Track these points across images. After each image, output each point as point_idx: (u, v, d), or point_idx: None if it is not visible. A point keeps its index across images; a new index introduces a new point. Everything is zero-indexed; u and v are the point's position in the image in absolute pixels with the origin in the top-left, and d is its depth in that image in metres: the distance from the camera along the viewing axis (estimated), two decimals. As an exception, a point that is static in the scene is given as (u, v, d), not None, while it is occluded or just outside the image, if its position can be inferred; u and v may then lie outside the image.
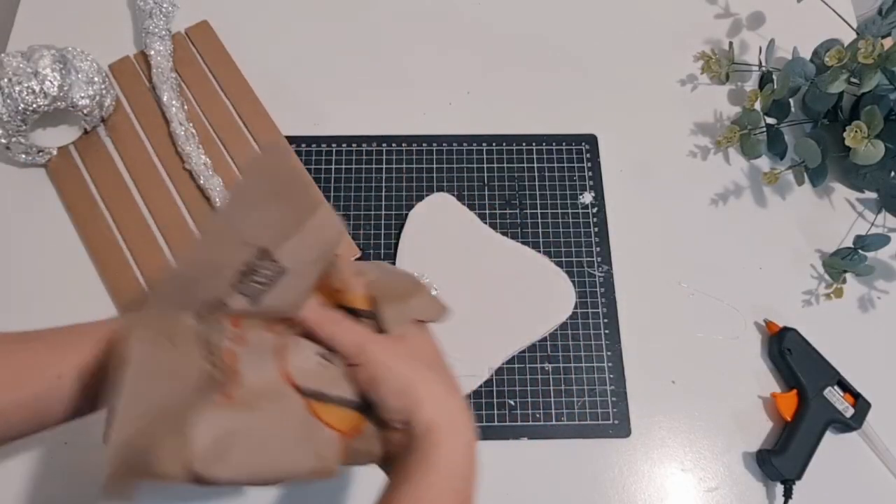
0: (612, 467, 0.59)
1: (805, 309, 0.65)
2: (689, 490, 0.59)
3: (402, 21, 0.77)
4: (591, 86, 0.74)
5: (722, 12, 0.79)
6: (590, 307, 0.64)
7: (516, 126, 0.72)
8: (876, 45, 0.58)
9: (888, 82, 0.60)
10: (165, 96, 0.68)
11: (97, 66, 0.66)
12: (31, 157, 0.66)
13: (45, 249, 0.65)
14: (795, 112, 0.72)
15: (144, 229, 0.65)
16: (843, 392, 0.60)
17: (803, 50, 0.71)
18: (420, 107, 0.73)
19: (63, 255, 0.64)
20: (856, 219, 0.69)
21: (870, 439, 0.60)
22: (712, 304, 0.65)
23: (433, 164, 0.69)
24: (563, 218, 0.67)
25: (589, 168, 0.70)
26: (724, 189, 0.70)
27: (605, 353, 0.62)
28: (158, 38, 0.70)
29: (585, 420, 0.60)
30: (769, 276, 0.66)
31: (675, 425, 0.61)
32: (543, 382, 0.61)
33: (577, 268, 0.65)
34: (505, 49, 0.76)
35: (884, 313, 0.65)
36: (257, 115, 0.70)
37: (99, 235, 0.64)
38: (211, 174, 0.65)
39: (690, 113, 0.73)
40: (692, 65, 0.76)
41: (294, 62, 0.74)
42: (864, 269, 0.64)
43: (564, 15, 0.78)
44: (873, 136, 0.59)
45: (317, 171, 0.68)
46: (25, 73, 0.61)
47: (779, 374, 0.62)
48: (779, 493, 0.58)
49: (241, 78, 0.72)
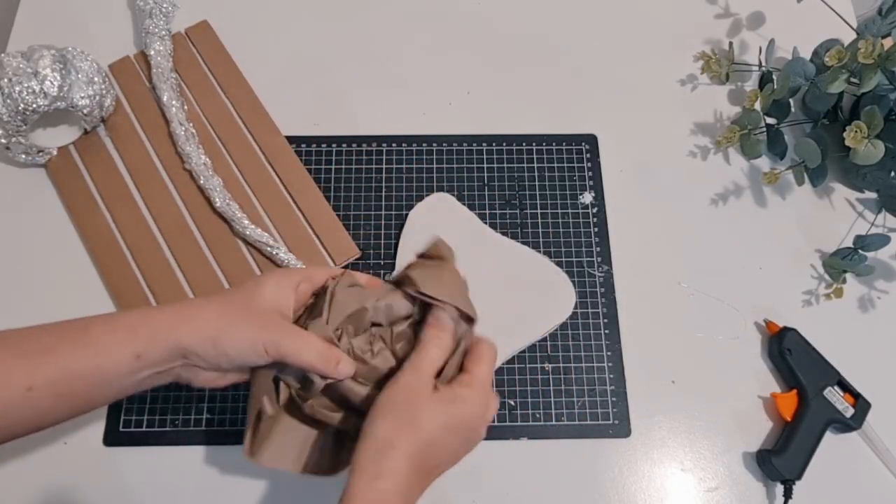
0: (612, 467, 0.59)
1: (805, 309, 0.65)
2: (689, 490, 0.59)
3: (402, 21, 0.77)
4: (591, 86, 0.75)
5: (722, 12, 0.79)
6: (590, 307, 0.64)
7: (516, 126, 0.72)
8: (876, 45, 0.58)
9: (888, 82, 0.60)
10: (165, 96, 0.68)
11: (97, 66, 0.66)
12: (31, 157, 0.66)
13: (46, 249, 0.65)
14: (795, 112, 0.72)
15: (144, 229, 0.65)
16: (843, 392, 0.60)
17: (803, 50, 0.71)
18: (420, 107, 0.73)
19: (63, 255, 0.64)
20: (856, 219, 0.69)
21: (870, 439, 0.60)
22: (712, 304, 0.65)
23: (433, 164, 0.69)
24: (563, 218, 0.67)
25: (589, 168, 0.70)
26: (724, 189, 0.70)
27: (605, 353, 0.62)
28: (158, 38, 0.70)
29: (585, 420, 0.60)
30: (769, 276, 0.66)
31: (675, 425, 0.61)
32: (543, 382, 0.61)
33: (577, 268, 0.65)
34: (505, 49, 0.76)
35: (884, 313, 0.65)
36: (257, 115, 0.70)
37: (99, 235, 0.64)
38: (211, 174, 0.65)
39: (690, 113, 0.73)
40: (692, 65, 0.76)
41: (294, 62, 0.74)
42: (864, 269, 0.64)
43: (564, 15, 0.78)
44: (873, 136, 0.59)
45: (317, 171, 0.68)
46: (25, 73, 0.61)
47: (779, 374, 0.62)
48: (779, 493, 0.58)
49: (241, 78, 0.72)
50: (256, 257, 0.63)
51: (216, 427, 0.59)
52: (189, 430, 0.59)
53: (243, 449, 0.47)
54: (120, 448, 0.58)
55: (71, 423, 0.59)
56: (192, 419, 0.59)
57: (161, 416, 0.59)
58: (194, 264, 0.63)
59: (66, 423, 0.58)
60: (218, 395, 0.60)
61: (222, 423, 0.59)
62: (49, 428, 0.44)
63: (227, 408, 0.60)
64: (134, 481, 0.57)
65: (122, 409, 0.59)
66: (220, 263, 0.63)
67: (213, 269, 0.63)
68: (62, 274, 0.64)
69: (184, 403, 0.59)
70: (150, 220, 0.65)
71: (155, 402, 0.59)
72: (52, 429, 0.58)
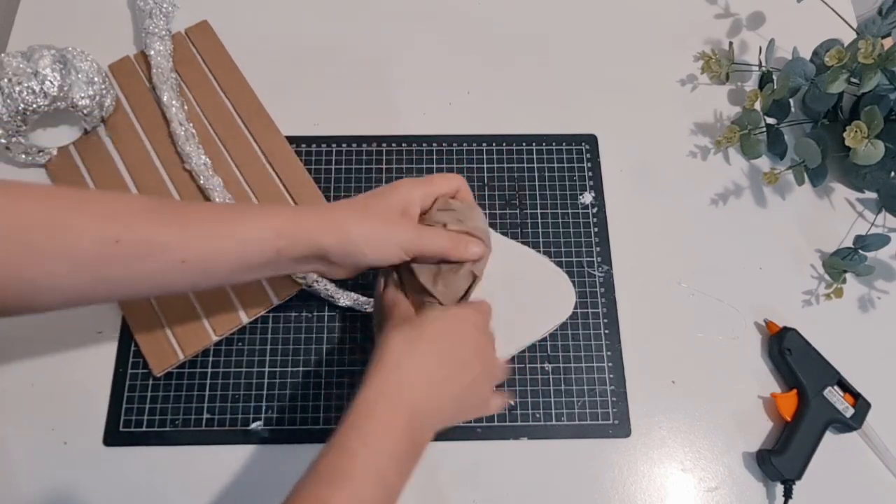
0: (612, 467, 0.59)
1: (805, 309, 0.65)
2: (689, 490, 0.59)
3: (403, 21, 0.77)
4: (592, 86, 0.75)
5: (722, 12, 0.79)
6: (590, 307, 0.64)
7: (516, 126, 0.72)
8: (876, 45, 0.58)
9: (888, 82, 0.60)
10: (165, 96, 0.68)
11: (97, 66, 0.66)
12: (31, 157, 0.66)
13: (45, 249, 0.65)
14: (795, 112, 0.72)
15: (144, 229, 0.64)
16: (843, 392, 0.60)
17: (803, 50, 0.71)
18: (420, 107, 0.72)
19: (63, 255, 0.65)
20: (856, 219, 0.69)
21: (870, 439, 0.60)
22: (712, 304, 0.65)
23: (433, 164, 0.69)
24: (563, 218, 0.67)
25: (589, 168, 0.70)
26: (724, 189, 0.70)
27: (605, 353, 0.62)
28: (158, 38, 0.70)
29: (585, 420, 0.60)
30: (769, 276, 0.66)
31: (675, 425, 0.61)
32: (543, 382, 0.61)
33: (577, 268, 0.65)
34: (505, 49, 0.76)
35: (884, 313, 0.65)
36: (257, 115, 0.70)
37: (99, 235, 0.64)
38: (211, 174, 0.65)
39: (690, 113, 0.73)
40: (692, 65, 0.76)
41: (294, 62, 0.74)
42: (864, 269, 0.64)
43: (564, 15, 0.78)
44: (873, 136, 0.59)
45: (317, 171, 0.68)
46: (25, 73, 0.61)
47: (779, 374, 0.62)
48: (779, 493, 0.58)
49: (241, 78, 0.71)
50: (256, 257, 0.63)
51: (216, 427, 0.59)
52: (189, 430, 0.59)
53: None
54: (120, 448, 0.58)
55: (71, 423, 0.59)
56: (192, 419, 0.59)
57: (161, 416, 0.59)
58: (194, 264, 0.63)
59: (65, 423, 0.59)
60: (218, 395, 0.60)
61: (222, 423, 0.59)
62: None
63: (227, 408, 0.60)
64: (134, 481, 0.57)
65: (122, 409, 0.59)
66: (220, 263, 0.63)
67: (213, 269, 0.63)
68: (62, 274, 0.64)
69: (184, 403, 0.60)
70: (150, 220, 0.65)
71: (155, 402, 0.59)
72: (52, 429, 0.59)
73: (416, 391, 0.44)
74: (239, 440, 0.59)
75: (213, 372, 0.61)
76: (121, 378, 0.60)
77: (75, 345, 0.61)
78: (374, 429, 0.42)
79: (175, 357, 0.60)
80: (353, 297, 0.62)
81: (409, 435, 0.43)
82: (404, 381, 0.44)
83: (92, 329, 0.62)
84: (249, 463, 0.58)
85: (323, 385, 0.61)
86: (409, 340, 0.46)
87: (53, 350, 0.61)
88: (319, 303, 0.63)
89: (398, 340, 0.45)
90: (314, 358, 0.61)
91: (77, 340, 0.62)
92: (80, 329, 0.62)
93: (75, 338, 0.62)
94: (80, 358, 0.61)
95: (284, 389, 0.60)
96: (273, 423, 0.59)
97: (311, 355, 0.62)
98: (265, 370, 0.61)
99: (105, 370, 0.61)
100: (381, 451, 0.41)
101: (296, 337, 0.62)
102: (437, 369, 0.45)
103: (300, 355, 0.62)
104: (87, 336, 0.62)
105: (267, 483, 0.57)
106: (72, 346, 0.61)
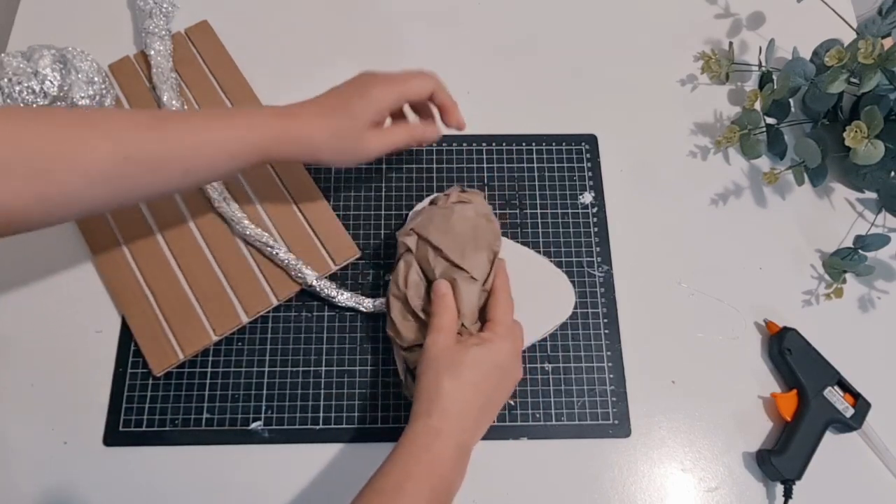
0: (612, 467, 0.59)
1: (805, 309, 0.65)
2: (689, 490, 0.59)
3: (403, 21, 0.77)
4: (591, 86, 0.75)
5: (722, 12, 0.79)
6: (590, 307, 0.64)
7: (516, 126, 0.72)
8: (876, 45, 0.58)
9: (888, 82, 0.60)
10: (165, 96, 0.68)
11: (97, 66, 0.66)
12: (31, 157, 0.66)
13: (45, 249, 0.65)
14: (795, 112, 0.72)
15: (144, 229, 0.65)
16: (843, 392, 0.60)
17: (803, 50, 0.71)
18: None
19: (63, 254, 0.65)
20: (856, 219, 0.69)
21: (870, 439, 0.60)
22: (712, 304, 0.65)
23: (433, 164, 0.69)
24: (563, 218, 0.67)
25: (589, 168, 0.70)
26: (724, 189, 0.70)
27: (605, 353, 0.62)
28: (158, 37, 0.70)
29: (585, 420, 0.60)
30: (769, 276, 0.66)
31: (675, 425, 0.61)
32: (543, 382, 0.61)
33: (577, 268, 0.65)
34: (505, 49, 0.76)
35: (884, 313, 0.65)
36: (257, 115, 0.70)
37: (98, 235, 0.64)
38: (211, 174, 0.65)
39: (690, 113, 0.73)
40: (692, 65, 0.76)
41: (294, 62, 0.74)
42: (864, 269, 0.64)
43: (564, 15, 0.78)
44: (873, 136, 0.59)
45: (317, 171, 0.68)
46: (25, 73, 0.61)
47: (779, 374, 0.62)
48: (779, 493, 0.58)
49: (241, 78, 0.72)
50: (256, 257, 0.63)
51: (216, 427, 0.59)
52: (189, 429, 0.59)
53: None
54: (120, 448, 0.58)
55: (71, 423, 0.59)
56: (192, 419, 0.59)
57: (161, 416, 0.59)
58: (194, 264, 0.63)
59: (65, 423, 0.59)
60: (218, 395, 0.60)
61: (222, 423, 0.59)
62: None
63: (227, 408, 0.60)
64: (134, 481, 0.57)
65: (122, 408, 0.59)
66: (220, 263, 0.63)
67: (213, 268, 0.63)
68: (61, 273, 0.64)
69: (184, 403, 0.60)
70: (150, 219, 0.65)
71: (155, 402, 0.59)
72: (52, 429, 0.59)
73: (465, 423, 0.49)
74: (239, 440, 0.59)
75: (213, 372, 0.61)
76: (121, 378, 0.60)
77: (75, 345, 0.62)
78: (427, 459, 0.47)
79: (175, 357, 0.60)
80: (354, 297, 0.62)
81: (456, 465, 0.48)
82: (452, 414, 0.49)
83: (92, 329, 0.62)
84: (249, 463, 0.58)
85: (323, 385, 0.61)
86: (455, 376, 0.50)
87: (53, 350, 0.61)
88: (319, 303, 0.63)
89: (445, 378, 0.49)
90: (314, 358, 0.61)
91: (77, 340, 0.62)
92: (80, 329, 0.62)
93: (75, 338, 0.62)
94: (80, 358, 0.61)
95: (284, 389, 0.60)
96: (273, 423, 0.59)
97: (311, 355, 0.62)
98: (265, 370, 0.61)
99: (105, 370, 0.61)
100: (432, 473, 0.47)
101: (296, 337, 0.62)
102: (481, 403, 0.50)
103: (300, 355, 0.62)
104: (87, 336, 0.62)
105: (267, 483, 0.57)
106: (72, 346, 0.61)
